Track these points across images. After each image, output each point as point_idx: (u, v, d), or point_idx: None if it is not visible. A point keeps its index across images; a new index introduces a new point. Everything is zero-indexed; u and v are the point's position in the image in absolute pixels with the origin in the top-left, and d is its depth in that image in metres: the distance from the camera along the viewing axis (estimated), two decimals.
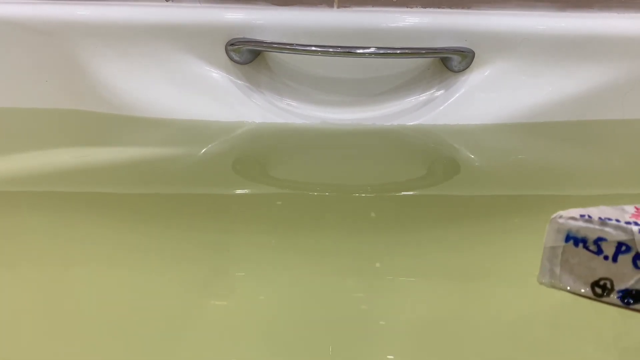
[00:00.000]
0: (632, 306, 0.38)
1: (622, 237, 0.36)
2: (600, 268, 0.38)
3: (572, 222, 0.37)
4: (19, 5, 0.69)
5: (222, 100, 0.71)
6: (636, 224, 0.36)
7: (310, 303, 0.45)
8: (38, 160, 0.65)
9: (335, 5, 0.69)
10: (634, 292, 0.37)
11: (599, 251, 0.37)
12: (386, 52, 0.67)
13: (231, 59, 0.70)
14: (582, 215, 0.37)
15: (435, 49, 0.68)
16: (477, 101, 0.70)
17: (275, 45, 0.68)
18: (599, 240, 0.37)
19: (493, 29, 0.69)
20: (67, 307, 0.46)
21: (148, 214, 0.57)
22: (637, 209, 0.39)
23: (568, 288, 0.39)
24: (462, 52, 0.68)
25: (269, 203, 0.59)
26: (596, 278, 0.38)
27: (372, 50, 0.67)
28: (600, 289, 0.38)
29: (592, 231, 0.37)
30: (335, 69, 0.72)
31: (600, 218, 0.37)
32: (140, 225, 0.55)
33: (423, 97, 0.72)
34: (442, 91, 0.72)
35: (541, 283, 0.39)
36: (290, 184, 0.63)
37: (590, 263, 0.38)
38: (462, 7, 0.70)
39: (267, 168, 0.67)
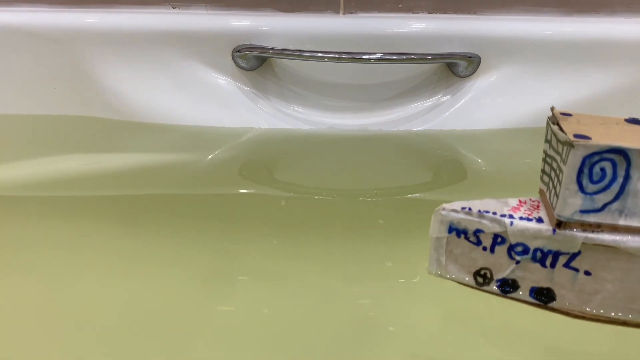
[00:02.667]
0: (509, 295, 0.40)
1: (497, 229, 0.38)
2: (480, 258, 0.40)
3: (454, 214, 0.39)
4: (28, 13, 0.69)
5: (228, 106, 0.72)
6: (511, 217, 0.38)
7: (316, 308, 0.45)
8: (47, 166, 0.65)
9: (341, 12, 0.70)
10: (510, 281, 0.40)
11: (478, 242, 0.39)
12: (392, 58, 0.67)
13: (237, 65, 0.71)
14: (463, 208, 0.39)
15: (442, 54, 0.68)
16: (483, 106, 0.70)
17: (281, 52, 0.68)
18: (477, 232, 0.39)
19: (499, 34, 0.69)
20: (76, 311, 0.46)
21: (155, 219, 0.57)
22: (520, 202, 0.41)
23: (453, 277, 0.41)
24: (469, 57, 0.68)
25: (276, 208, 0.59)
26: (477, 268, 0.40)
27: (378, 56, 0.67)
28: (481, 278, 0.40)
29: (471, 223, 0.39)
30: (341, 74, 0.72)
31: (479, 211, 0.38)
32: (148, 230, 0.55)
33: (429, 102, 0.72)
34: (448, 96, 0.72)
35: (430, 273, 0.41)
36: (297, 189, 0.63)
37: (472, 254, 0.40)
38: (468, 13, 0.70)
39: (273, 173, 0.66)
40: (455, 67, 0.70)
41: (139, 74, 0.71)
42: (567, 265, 0.38)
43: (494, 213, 0.39)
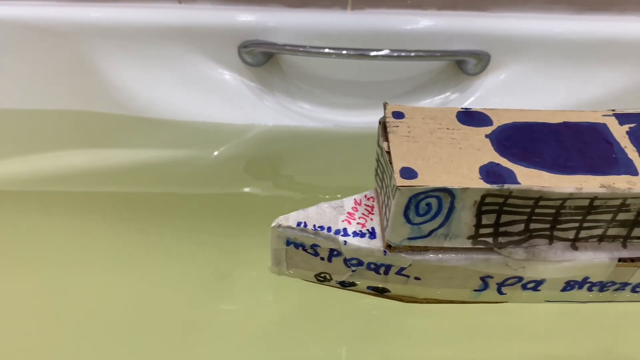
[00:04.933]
0: (348, 288, 0.43)
1: (332, 245, 0.40)
2: (319, 265, 0.42)
3: (290, 231, 0.41)
4: (33, 7, 0.69)
5: (234, 102, 0.71)
6: (345, 233, 0.40)
7: (320, 307, 0.45)
8: (50, 162, 0.65)
9: (348, 8, 0.69)
10: (347, 282, 0.43)
11: (316, 253, 0.41)
12: (400, 55, 0.67)
13: (244, 61, 0.70)
14: (299, 224, 0.40)
15: (450, 51, 0.68)
16: (492, 104, 0.70)
17: (288, 48, 0.68)
18: (314, 246, 0.41)
19: (509, 32, 0.68)
20: (78, 306, 0.46)
21: (160, 215, 0.57)
22: (356, 202, 0.42)
23: (295, 276, 0.44)
24: (478, 55, 0.68)
25: (281, 205, 0.58)
26: (317, 272, 0.43)
27: (386, 52, 0.66)
28: (322, 279, 0.43)
29: (307, 239, 0.41)
30: (348, 71, 0.71)
31: (314, 227, 0.40)
32: (152, 226, 0.55)
33: (437, 100, 0.72)
34: (457, 94, 0.71)
35: (272, 272, 0.43)
36: (303, 187, 0.62)
37: (311, 262, 0.42)
38: (478, 10, 0.70)
39: (279, 170, 0.66)
40: (464, 64, 0.69)
41: (144, 69, 0.71)
42: (398, 273, 0.40)
43: (329, 229, 0.40)
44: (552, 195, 0.36)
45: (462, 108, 0.42)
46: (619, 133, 0.40)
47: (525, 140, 0.39)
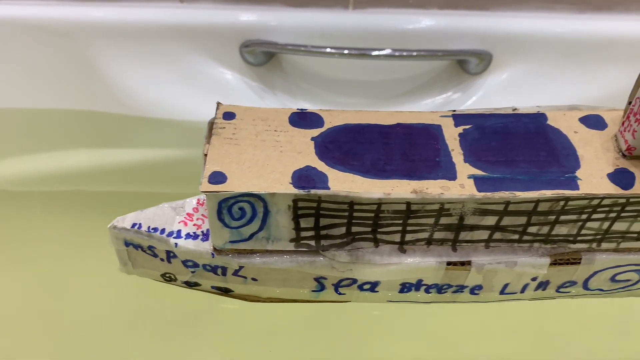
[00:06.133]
0: (195, 288, 0.43)
1: (166, 247, 0.40)
2: (162, 266, 0.42)
3: (125, 232, 0.41)
4: (34, 7, 0.69)
5: (235, 102, 0.70)
6: (178, 234, 0.40)
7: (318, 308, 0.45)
8: (52, 161, 0.65)
9: (350, 7, 0.69)
10: (191, 282, 0.43)
11: (155, 255, 0.41)
12: (402, 55, 0.66)
13: (245, 60, 0.70)
14: (133, 225, 0.40)
15: (452, 51, 0.67)
16: (494, 104, 0.69)
17: (289, 47, 0.68)
18: (151, 247, 0.41)
19: (511, 31, 0.68)
20: (79, 306, 0.46)
21: None
22: (198, 202, 0.43)
23: (144, 276, 0.44)
24: (480, 54, 0.68)
25: None
26: (162, 272, 0.43)
27: (387, 52, 0.66)
28: (168, 278, 0.43)
29: (143, 240, 0.41)
30: (350, 71, 0.71)
31: (148, 229, 0.40)
32: None
33: (439, 99, 0.72)
34: (459, 94, 0.71)
35: (122, 271, 0.43)
36: None
37: (153, 262, 0.42)
38: (480, 9, 0.69)
39: None
40: (466, 64, 0.69)
41: (145, 68, 0.71)
42: (235, 274, 0.41)
43: (162, 231, 0.40)
44: (361, 200, 0.36)
45: (298, 109, 0.42)
46: (451, 135, 0.40)
47: (350, 142, 0.39)
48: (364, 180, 0.36)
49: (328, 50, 0.67)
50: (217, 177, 0.36)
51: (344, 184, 0.36)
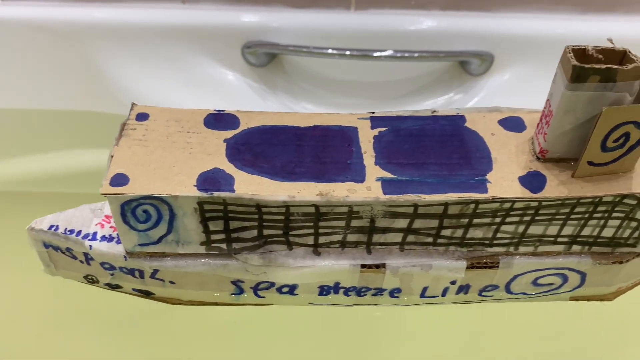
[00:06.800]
0: (116, 290, 0.43)
1: (83, 249, 0.39)
2: (82, 268, 0.41)
3: (43, 235, 0.40)
4: (37, 8, 0.69)
5: (237, 102, 0.71)
6: (94, 237, 0.39)
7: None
8: (54, 161, 0.65)
9: (352, 8, 0.69)
10: (112, 284, 0.42)
11: (74, 256, 0.41)
12: (403, 56, 0.66)
13: (247, 61, 0.70)
14: (51, 227, 0.40)
15: (454, 52, 0.67)
16: (496, 105, 0.69)
17: (291, 48, 0.68)
18: (69, 249, 0.40)
19: (513, 32, 0.68)
20: (79, 306, 0.46)
21: None
22: None
23: (68, 277, 0.43)
24: (481, 55, 0.67)
25: None
26: (84, 274, 0.42)
27: (389, 53, 0.66)
28: (91, 280, 0.42)
29: (60, 242, 0.40)
30: (351, 72, 0.71)
31: (65, 231, 0.39)
32: None
33: (441, 100, 0.71)
34: (460, 95, 0.71)
35: (46, 272, 0.43)
36: None
37: (73, 264, 0.41)
38: (482, 10, 0.69)
39: None
40: (467, 65, 0.69)
41: (147, 69, 0.71)
42: (153, 277, 0.40)
43: (79, 233, 0.39)
44: (266, 203, 0.35)
45: (215, 110, 0.41)
46: (366, 137, 0.39)
47: (263, 144, 0.38)
48: (271, 183, 0.36)
49: (330, 51, 0.67)
50: (120, 179, 0.35)
51: (250, 186, 0.35)
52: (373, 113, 0.41)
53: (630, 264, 0.40)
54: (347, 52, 0.66)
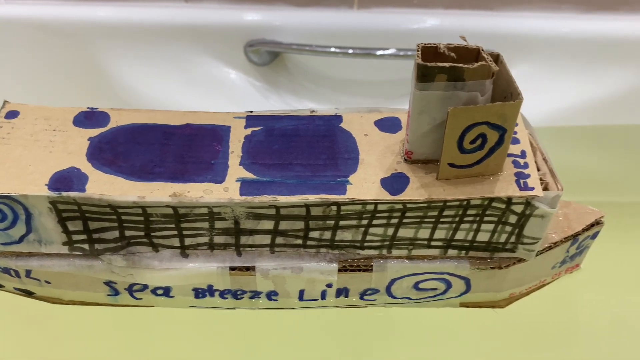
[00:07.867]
0: (2, 289, 0.42)
1: None
2: None
3: None
4: (39, 7, 0.69)
5: (240, 101, 0.71)
6: None
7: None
8: None
9: (355, 6, 0.69)
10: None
11: None
12: (406, 54, 0.66)
13: (250, 60, 0.70)
14: None
15: None
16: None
17: (294, 47, 0.68)
18: None
19: (516, 31, 0.68)
20: (78, 306, 0.46)
21: None
22: None
23: None
24: None
25: None
26: None
27: (392, 51, 0.66)
28: None
29: None
30: (354, 70, 0.71)
31: None
32: None
33: None
34: None
35: None
36: None
37: None
38: (485, 9, 0.69)
39: None
40: None
41: (150, 68, 0.71)
42: (28, 276, 0.39)
43: None
44: (117, 203, 0.34)
45: (88, 108, 0.41)
46: (237, 137, 0.38)
47: (128, 143, 0.37)
48: (124, 183, 0.35)
49: (332, 49, 0.67)
50: None
51: (102, 186, 0.35)
52: (251, 112, 0.40)
53: (513, 269, 0.39)
54: (350, 51, 0.66)
